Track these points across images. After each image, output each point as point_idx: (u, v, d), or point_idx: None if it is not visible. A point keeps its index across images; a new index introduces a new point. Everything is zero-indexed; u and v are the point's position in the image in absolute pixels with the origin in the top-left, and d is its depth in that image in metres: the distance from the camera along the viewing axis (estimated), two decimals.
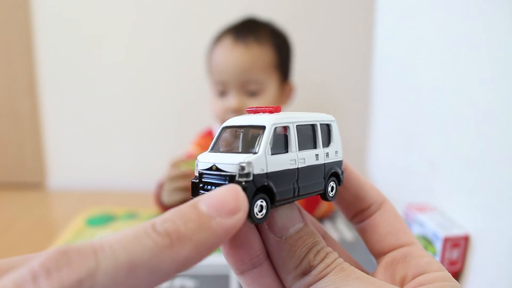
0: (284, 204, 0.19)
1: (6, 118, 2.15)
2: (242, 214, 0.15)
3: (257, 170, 0.17)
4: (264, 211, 0.17)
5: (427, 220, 0.50)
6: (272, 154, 0.18)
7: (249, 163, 0.17)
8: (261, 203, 0.17)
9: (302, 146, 0.19)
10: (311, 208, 0.74)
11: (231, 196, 0.15)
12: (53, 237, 1.32)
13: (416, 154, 0.62)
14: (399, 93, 0.72)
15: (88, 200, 1.98)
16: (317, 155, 0.20)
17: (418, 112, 0.62)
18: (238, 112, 0.77)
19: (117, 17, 2.02)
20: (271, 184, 0.17)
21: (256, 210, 0.16)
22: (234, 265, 0.18)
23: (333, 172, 0.21)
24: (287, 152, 0.18)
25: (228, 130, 0.20)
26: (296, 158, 0.19)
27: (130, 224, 0.71)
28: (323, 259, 0.17)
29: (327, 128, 0.21)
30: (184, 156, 0.77)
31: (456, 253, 0.47)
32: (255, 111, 0.19)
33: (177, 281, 0.52)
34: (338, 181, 0.21)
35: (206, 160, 0.18)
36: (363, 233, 0.22)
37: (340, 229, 0.67)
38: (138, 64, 2.06)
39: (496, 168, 0.41)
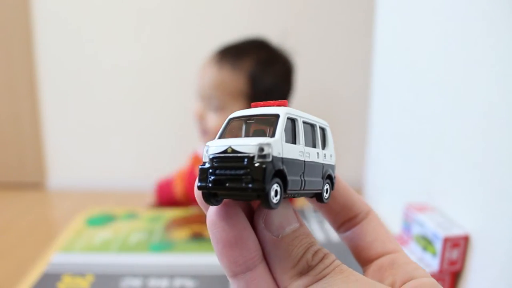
0: (293, 196, 0.18)
1: (6, 118, 2.15)
2: None
3: (275, 153, 0.16)
4: (278, 196, 0.16)
5: (427, 220, 0.50)
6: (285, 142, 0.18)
7: (268, 144, 0.16)
8: (277, 188, 0.16)
9: (306, 142, 0.19)
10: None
11: None
12: (53, 237, 1.32)
13: (416, 154, 0.62)
14: (399, 93, 0.72)
15: (88, 200, 1.98)
16: (318, 153, 0.20)
17: (418, 112, 0.62)
18: (197, 116, 0.90)
19: (117, 19, 2.02)
20: (285, 170, 0.17)
21: (272, 193, 0.16)
22: (228, 266, 0.17)
23: (329, 175, 0.21)
24: (295, 143, 0.18)
25: (236, 120, 0.19)
26: (303, 150, 0.19)
27: (130, 224, 0.71)
28: (321, 260, 0.17)
29: (322, 132, 0.22)
30: None
31: (456, 253, 0.47)
32: (262, 104, 0.19)
33: (177, 281, 0.52)
34: (332, 184, 0.21)
35: (218, 144, 0.17)
36: (350, 242, 0.22)
37: (327, 230, 0.67)
38: (138, 65, 2.06)
39: (496, 168, 0.41)
